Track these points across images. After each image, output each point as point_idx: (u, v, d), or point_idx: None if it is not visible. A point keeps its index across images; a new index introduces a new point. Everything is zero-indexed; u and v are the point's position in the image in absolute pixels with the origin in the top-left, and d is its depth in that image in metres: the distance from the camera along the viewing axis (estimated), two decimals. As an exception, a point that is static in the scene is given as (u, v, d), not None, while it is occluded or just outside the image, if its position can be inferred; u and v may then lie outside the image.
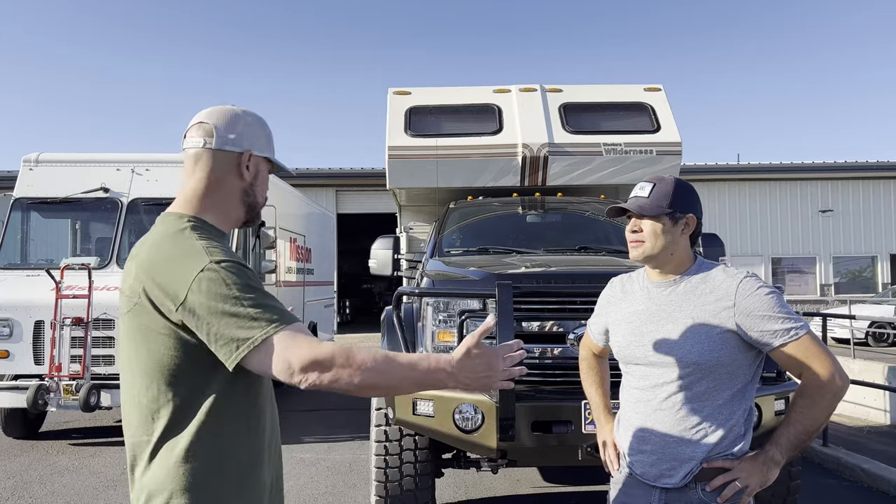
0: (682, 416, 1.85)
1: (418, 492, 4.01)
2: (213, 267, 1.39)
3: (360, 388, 1.37)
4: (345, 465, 5.97)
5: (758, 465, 1.80)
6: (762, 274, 22.17)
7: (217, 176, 1.58)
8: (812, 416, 1.77)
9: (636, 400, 1.96)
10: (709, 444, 1.83)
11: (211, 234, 1.54)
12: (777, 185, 22.49)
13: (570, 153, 6.09)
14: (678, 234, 1.91)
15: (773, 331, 1.77)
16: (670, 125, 6.30)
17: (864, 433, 7.41)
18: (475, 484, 5.40)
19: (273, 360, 1.34)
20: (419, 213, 7.42)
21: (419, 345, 3.96)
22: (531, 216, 5.79)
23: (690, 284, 1.91)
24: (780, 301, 1.80)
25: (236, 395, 1.47)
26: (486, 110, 6.44)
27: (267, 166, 1.68)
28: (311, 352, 1.33)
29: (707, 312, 1.84)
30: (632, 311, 1.99)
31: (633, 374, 1.98)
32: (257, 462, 1.52)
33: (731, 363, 1.83)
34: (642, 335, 1.93)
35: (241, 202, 1.63)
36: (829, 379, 1.75)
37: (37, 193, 7.54)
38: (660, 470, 1.88)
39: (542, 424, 3.53)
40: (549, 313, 3.76)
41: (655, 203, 1.90)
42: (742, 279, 1.85)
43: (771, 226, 22.47)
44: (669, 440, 1.86)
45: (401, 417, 3.73)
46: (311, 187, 20.30)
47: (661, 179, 1.95)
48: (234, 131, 1.58)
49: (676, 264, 1.93)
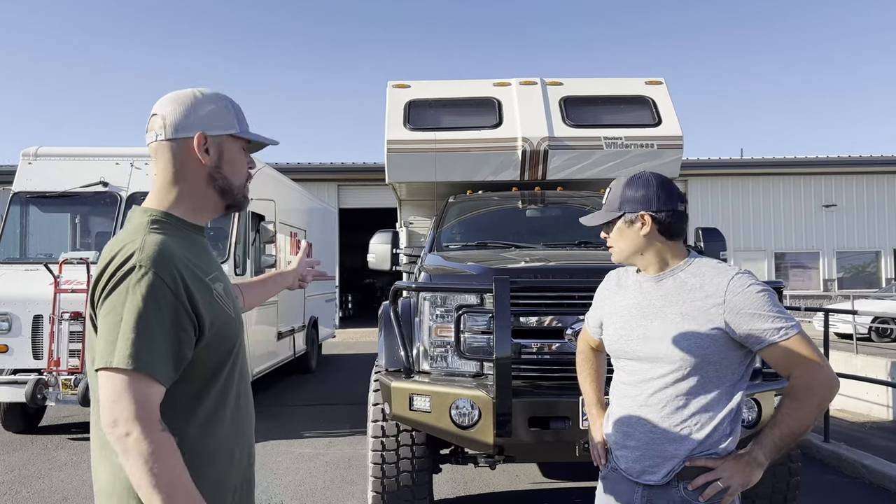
0: (668, 412, 1.83)
1: (415, 487, 3.98)
2: (135, 272, 1.36)
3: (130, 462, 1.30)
4: (344, 461, 5.95)
5: (741, 465, 1.76)
6: (765, 269, 22.14)
7: (177, 167, 1.52)
8: (799, 419, 1.73)
9: (623, 395, 1.95)
10: (693, 442, 1.81)
11: (176, 229, 1.50)
12: (780, 179, 22.44)
13: (571, 147, 6.05)
14: (637, 234, 1.89)
15: (763, 329, 1.73)
16: (671, 119, 6.26)
17: (866, 429, 7.38)
18: (474, 479, 5.38)
19: (103, 395, 1.33)
20: (419, 207, 7.38)
21: (416, 339, 3.93)
22: (531, 210, 5.75)
23: (681, 280, 1.88)
24: (771, 299, 1.76)
25: (183, 395, 1.43)
26: (485, 104, 6.39)
27: (236, 143, 1.59)
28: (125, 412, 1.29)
29: (696, 308, 1.81)
30: (624, 304, 1.98)
31: (623, 368, 1.97)
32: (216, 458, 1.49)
33: (719, 361, 1.79)
34: (632, 329, 1.91)
35: (211, 187, 1.56)
36: (818, 381, 1.71)
37: (35, 188, 7.51)
38: (643, 466, 1.87)
39: (539, 420, 3.51)
40: (546, 308, 3.72)
41: (607, 209, 1.93)
42: (733, 276, 1.81)
43: (774, 221, 22.43)
44: (654, 436, 1.84)
45: (397, 413, 3.70)
46: (314, 181, 20.30)
47: (616, 183, 1.96)
48: (184, 116, 1.51)
49: (660, 262, 1.92)
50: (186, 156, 1.52)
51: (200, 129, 1.51)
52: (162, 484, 1.28)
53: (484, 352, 3.69)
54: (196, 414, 1.46)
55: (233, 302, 1.57)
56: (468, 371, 3.78)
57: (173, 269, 1.39)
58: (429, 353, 3.86)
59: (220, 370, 1.50)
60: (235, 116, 1.59)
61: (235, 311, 1.58)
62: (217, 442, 1.49)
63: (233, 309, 1.56)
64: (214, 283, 1.51)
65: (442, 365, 3.84)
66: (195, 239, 1.56)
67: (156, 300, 1.34)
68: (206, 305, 1.44)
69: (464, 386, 3.62)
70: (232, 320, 1.53)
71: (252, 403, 1.68)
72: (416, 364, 3.88)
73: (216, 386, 1.50)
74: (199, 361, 1.44)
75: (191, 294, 1.40)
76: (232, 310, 1.55)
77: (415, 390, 3.66)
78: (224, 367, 1.51)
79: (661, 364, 1.83)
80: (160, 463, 1.29)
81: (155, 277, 1.35)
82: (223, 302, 1.52)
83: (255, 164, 1.70)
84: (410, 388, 3.68)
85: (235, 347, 1.54)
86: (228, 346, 1.52)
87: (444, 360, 3.84)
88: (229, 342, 1.52)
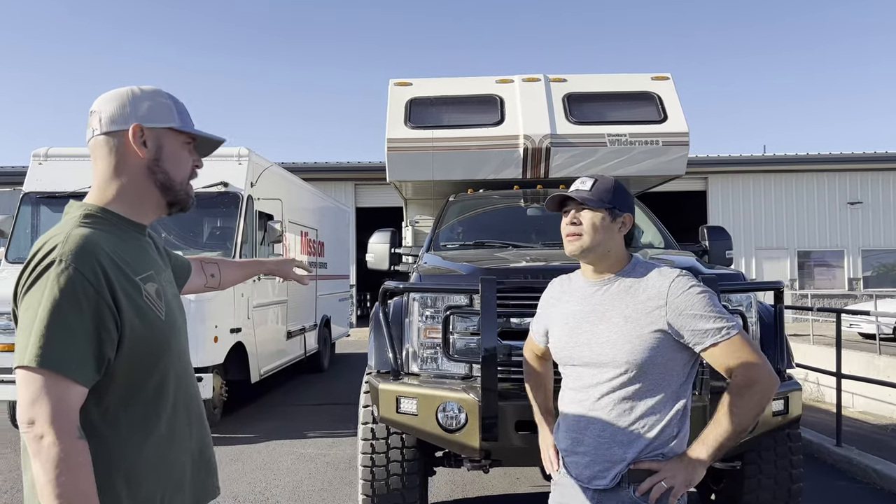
0: (615, 416, 1.82)
1: (406, 491, 3.92)
2: (54, 266, 1.32)
3: (42, 465, 1.26)
4: (345, 461, 5.92)
5: (682, 464, 1.78)
6: (788, 267, 21.78)
7: (114, 162, 1.50)
8: (739, 416, 1.74)
9: (570, 401, 1.94)
10: (640, 445, 1.81)
11: (110, 224, 1.47)
12: (804, 176, 22.04)
13: (573, 144, 5.94)
14: (615, 231, 1.90)
15: (704, 330, 1.75)
16: (678, 115, 6.12)
17: (887, 431, 7.21)
18: (473, 482, 5.31)
19: (20, 394, 1.29)
20: (424, 206, 7.34)
21: (406, 341, 3.87)
22: (531, 209, 5.65)
23: (625, 284, 1.88)
24: (712, 300, 1.78)
25: (107, 400, 1.39)
26: (487, 101, 6.30)
27: (177, 138, 1.55)
28: (42, 413, 1.26)
29: (639, 312, 1.81)
30: (568, 311, 1.97)
31: (569, 374, 1.96)
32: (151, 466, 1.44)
33: (664, 363, 1.80)
34: (577, 335, 1.90)
35: (150, 182, 1.52)
36: (757, 378, 1.74)
37: (46, 188, 7.60)
38: (593, 471, 1.86)
39: (526, 424, 3.42)
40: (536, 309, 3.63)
41: (597, 196, 1.88)
42: (674, 278, 1.82)
43: (797, 218, 22.04)
44: (602, 441, 1.84)
45: (385, 415, 3.65)
46: (331, 181, 20.37)
47: (602, 177, 1.96)
48: (120, 109, 1.50)
49: (612, 263, 1.91)
50: (124, 150, 1.50)
51: (136, 121, 1.49)
52: (64, 495, 1.24)
53: (472, 354, 3.62)
54: (120, 421, 1.40)
55: (167, 305, 1.51)
56: (457, 373, 3.71)
57: (95, 263, 1.34)
58: (418, 354, 3.79)
59: (148, 376, 1.45)
60: (176, 111, 1.56)
61: (169, 314, 1.52)
62: (148, 453, 1.43)
63: (165, 312, 1.50)
64: (146, 283, 1.46)
65: (431, 367, 3.77)
66: (132, 236, 1.52)
67: (75, 295, 1.30)
68: (131, 305, 1.39)
69: (451, 388, 3.55)
70: (162, 323, 1.48)
71: (198, 412, 1.62)
72: (405, 366, 3.82)
73: (144, 392, 1.44)
74: (123, 364, 1.39)
75: (114, 291, 1.36)
76: (164, 313, 1.49)
77: (402, 392, 3.60)
78: (152, 372, 1.46)
79: (607, 368, 1.83)
80: (68, 474, 1.25)
81: (75, 272, 1.31)
82: (153, 303, 1.46)
83: (202, 164, 1.66)
84: (398, 391, 3.62)
85: (165, 352, 1.48)
86: (156, 350, 1.46)
87: (434, 361, 3.78)
88: (157, 346, 1.46)
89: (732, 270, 4.09)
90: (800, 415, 3.69)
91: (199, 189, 7.36)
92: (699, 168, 20.73)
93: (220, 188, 7.56)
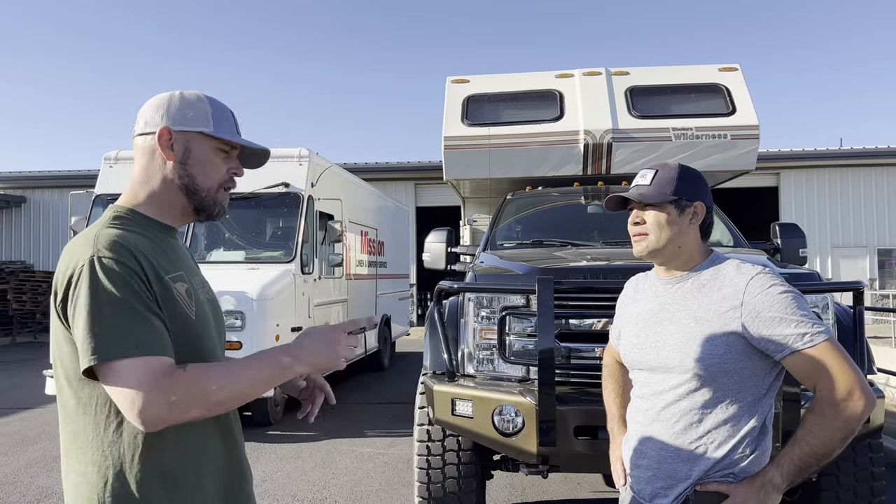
0: (681, 429, 1.64)
1: (462, 494, 3.84)
2: (93, 260, 1.31)
3: (210, 411, 1.31)
4: (403, 461, 5.89)
5: (754, 489, 1.55)
6: (867, 266, 20.74)
7: (144, 164, 1.50)
8: (822, 438, 1.50)
9: (636, 409, 1.78)
10: (708, 462, 1.61)
11: (138, 226, 1.45)
12: (884, 170, 20.93)
13: (637, 139, 5.75)
14: (685, 225, 1.71)
15: (785, 335, 1.53)
16: (747, 107, 5.84)
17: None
18: (532, 486, 5.20)
19: (114, 391, 1.28)
20: (482, 204, 7.26)
21: (461, 342, 3.79)
22: (592, 207, 5.48)
23: (699, 282, 1.69)
24: (796, 301, 1.56)
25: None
26: (546, 96, 6.17)
27: (209, 143, 1.51)
28: (146, 393, 1.25)
29: (711, 312, 1.62)
30: (638, 311, 1.80)
31: (637, 380, 1.80)
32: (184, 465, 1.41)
33: (738, 371, 1.60)
34: (645, 337, 1.74)
35: (177, 186, 1.50)
36: (846, 395, 1.48)
37: (116, 189, 7.85)
38: (654, 488, 1.69)
39: (586, 429, 3.30)
40: (595, 310, 3.51)
41: (658, 191, 1.70)
42: (753, 275, 1.61)
43: (877, 215, 20.95)
44: (665, 455, 1.66)
45: (440, 417, 3.58)
46: (390, 181, 20.49)
47: (664, 165, 1.76)
48: (154, 113, 1.49)
49: (685, 259, 1.73)
50: (151, 152, 1.50)
51: (166, 124, 1.48)
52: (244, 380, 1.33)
53: (529, 356, 3.52)
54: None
55: (198, 306, 1.48)
56: (514, 375, 3.61)
57: (129, 254, 1.35)
58: (474, 355, 3.71)
59: None
60: (212, 117, 1.52)
61: (201, 315, 1.49)
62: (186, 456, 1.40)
63: (196, 313, 1.47)
64: (175, 283, 1.44)
65: (487, 368, 3.69)
66: (162, 237, 1.50)
67: (127, 282, 1.31)
68: (165, 300, 1.39)
69: (508, 391, 3.46)
70: (192, 323, 1.45)
71: (231, 417, 1.57)
72: (460, 367, 3.75)
73: None
74: None
75: (149, 282, 1.37)
76: (194, 313, 1.46)
77: (457, 394, 3.53)
78: None
79: (673, 374, 1.66)
80: (218, 379, 1.31)
81: (119, 264, 1.32)
82: (183, 301, 1.44)
83: (241, 172, 1.61)
84: (453, 392, 3.55)
85: (196, 352, 1.44)
86: (186, 348, 1.42)
87: (490, 363, 3.69)
88: (187, 344, 1.42)
89: (807, 270, 3.87)
90: (882, 423, 3.44)
91: (260, 189, 7.49)
92: (770, 163, 19.98)
93: (282, 188, 7.66)
